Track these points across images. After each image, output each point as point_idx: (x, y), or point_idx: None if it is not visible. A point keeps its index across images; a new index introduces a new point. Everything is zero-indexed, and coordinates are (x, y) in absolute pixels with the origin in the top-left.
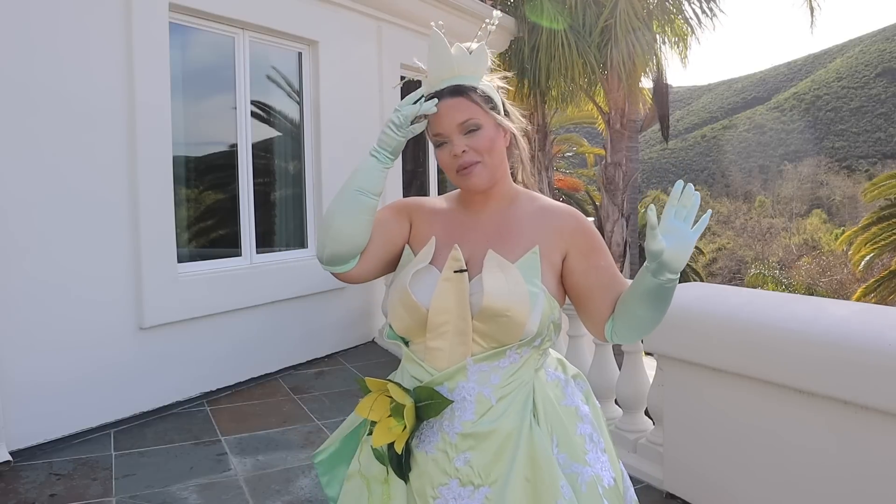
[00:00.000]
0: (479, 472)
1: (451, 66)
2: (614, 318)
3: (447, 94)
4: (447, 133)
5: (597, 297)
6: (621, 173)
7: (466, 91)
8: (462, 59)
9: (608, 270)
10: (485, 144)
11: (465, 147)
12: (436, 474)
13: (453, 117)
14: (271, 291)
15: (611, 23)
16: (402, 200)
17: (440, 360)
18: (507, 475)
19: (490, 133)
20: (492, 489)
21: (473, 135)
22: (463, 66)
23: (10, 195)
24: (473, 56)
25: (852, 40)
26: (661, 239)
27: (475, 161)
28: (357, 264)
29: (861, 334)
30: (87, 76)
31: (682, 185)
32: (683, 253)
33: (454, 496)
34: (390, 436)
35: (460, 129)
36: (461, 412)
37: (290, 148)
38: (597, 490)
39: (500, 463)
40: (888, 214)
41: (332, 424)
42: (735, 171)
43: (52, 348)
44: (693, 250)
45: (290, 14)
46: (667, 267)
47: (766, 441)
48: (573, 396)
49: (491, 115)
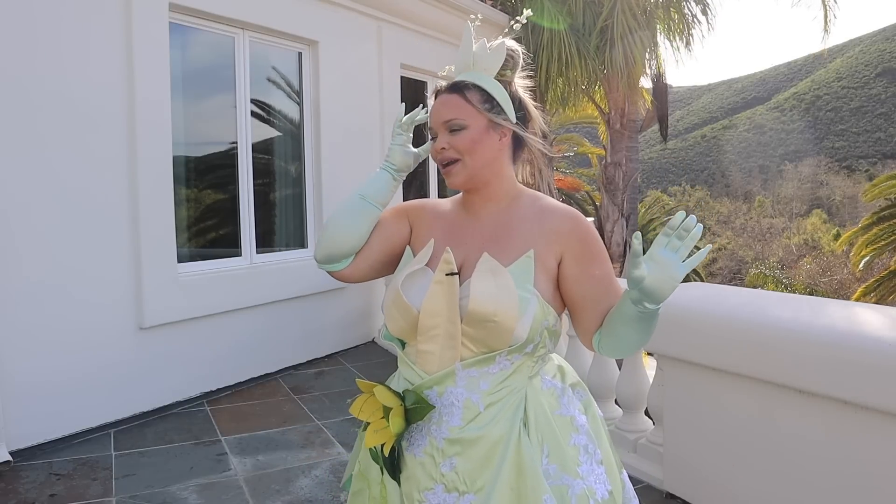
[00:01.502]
0: (464, 478)
1: (469, 60)
2: (601, 333)
3: (446, 89)
4: (436, 128)
5: (587, 309)
6: (621, 173)
7: (462, 88)
8: (481, 54)
9: (602, 282)
10: (465, 144)
11: (446, 144)
12: (423, 478)
13: (441, 114)
14: (271, 291)
15: (610, 23)
16: (405, 203)
17: (430, 363)
18: (492, 483)
19: (474, 134)
20: (476, 497)
21: (456, 134)
22: (479, 62)
23: (11, 195)
24: (491, 53)
25: (852, 40)
26: (645, 267)
27: (454, 159)
28: (351, 264)
29: (861, 334)
30: (87, 76)
31: (684, 216)
32: (667, 285)
33: (439, 501)
34: (381, 437)
35: (445, 127)
36: (449, 417)
37: (290, 148)
38: (588, 503)
39: (487, 470)
40: (888, 215)
41: (332, 424)
42: (735, 171)
43: (52, 348)
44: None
45: (290, 14)
46: (647, 297)
47: (766, 441)
48: (569, 406)
49: (484, 114)
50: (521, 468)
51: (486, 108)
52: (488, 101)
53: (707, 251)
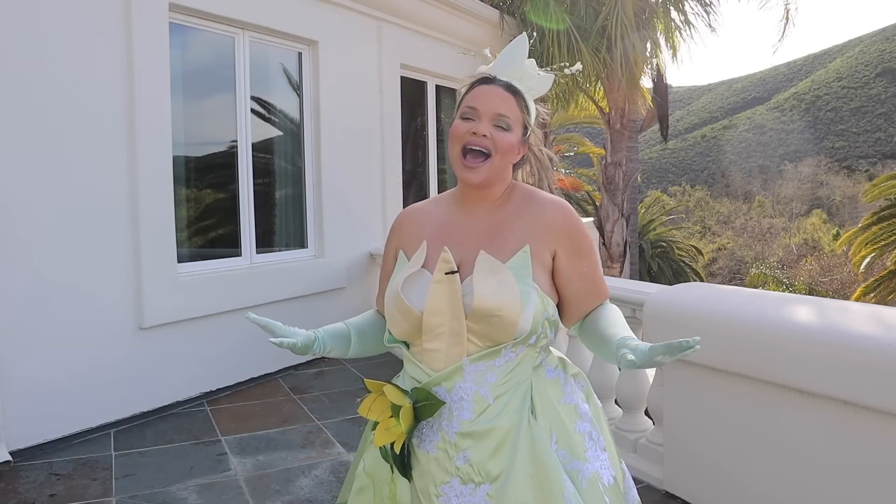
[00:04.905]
0: (478, 469)
1: (518, 70)
2: (582, 332)
3: (502, 85)
4: (482, 112)
5: (572, 305)
6: (621, 173)
7: (518, 94)
8: (530, 72)
9: (588, 279)
10: (504, 145)
11: (489, 133)
12: (438, 473)
13: (496, 104)
14: (271, 291)
15: (610, 22)
16: (390, 231)
17: (437, 361)
18: (507, 472)
19: (513, 139)
20: (493, 486)
21: (501, 131)
22: (525, 79)
23: (12, 195)
24: (539, 78)
25: (852, 40)
26: (636, 363)
27: (487, 152)
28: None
29: (861, 334)
30: (88, 76)
31: (696, 346)
32: (648, 367)
33: (456, 494)
34: (390, 435)
35: (494, 118)
36: (459, 412)
37: (290, 148)
38: (597, 487)
39: (498, 459)
40: (888, 215)
41: (332, 424)
42: (735, 171)
43: (53, 348)
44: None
45: (290, 14)
46: (627, 368)
47: (766, 441)
48: (573, 395)
49: (522, 127)
50: (536, 454)
51: (524, 126)
52: (529, 118)
53: (694, 350)
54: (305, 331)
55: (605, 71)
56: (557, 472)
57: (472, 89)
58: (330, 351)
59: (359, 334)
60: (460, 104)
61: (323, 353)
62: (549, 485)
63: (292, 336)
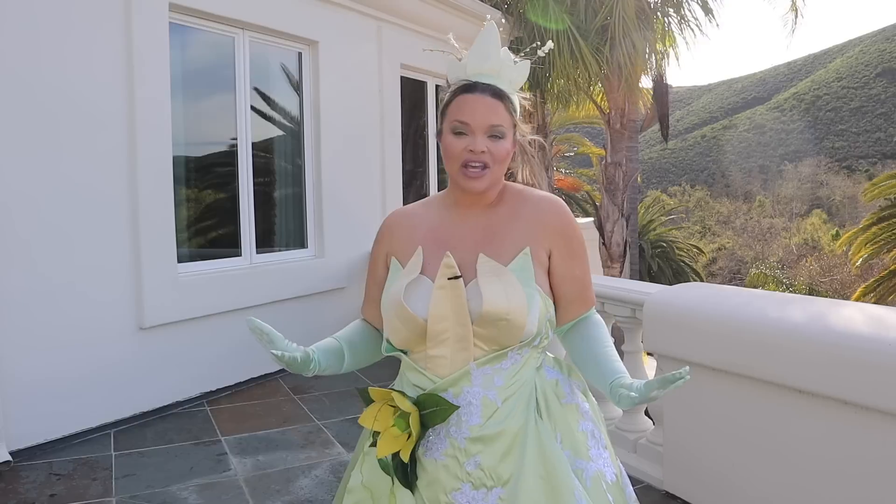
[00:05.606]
0: (490, 473)
1: (495, 65)
2: (570, 345)
3: (488, 92)
4: (474, 127)
5: (560, 307)
6: (621, 173)
7: (504, 97)
8: (507, 64)
9: (579, 283)
10: (502, 154)
11: (486, 148)
12: (448, 480)
13: (487, 117)
14: (271, 291)
15: (610, 22)
16: (377, 237)
17: (442, 367)
18: (518, 474)
19: (508, 145)
20: (504, 489)
21: (496, 140)
22: (504, 72)
23: (12, 195)
24: (517, 67)
25: (852, 40)
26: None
27: (487, 165)
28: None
29: (861, 334)
30: (88, 76)
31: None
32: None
33: (468, 500)
34: (396, 445)
35: (487, 130)
36: (468, 417)
37: (290, 148)
38: (601, 485)
39: (509, 462)
40: (888, 214)
41: (331, 424)
42: (735, 171)
43: (53, 348)
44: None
45: (290, 14)
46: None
47: (766, 441)
48: (573, 394)
49: (513, 128)
50: (545, 455)
51: (513, 124)
52: (517, 116)
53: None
54: (304, 348)
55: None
56: (566, 471)
57: (455, 98)
58: (325, 370)
59: (351, 348)
60: (446, 113)
61: (317, 373)
62: (559, 485)
63: (293, 351)
